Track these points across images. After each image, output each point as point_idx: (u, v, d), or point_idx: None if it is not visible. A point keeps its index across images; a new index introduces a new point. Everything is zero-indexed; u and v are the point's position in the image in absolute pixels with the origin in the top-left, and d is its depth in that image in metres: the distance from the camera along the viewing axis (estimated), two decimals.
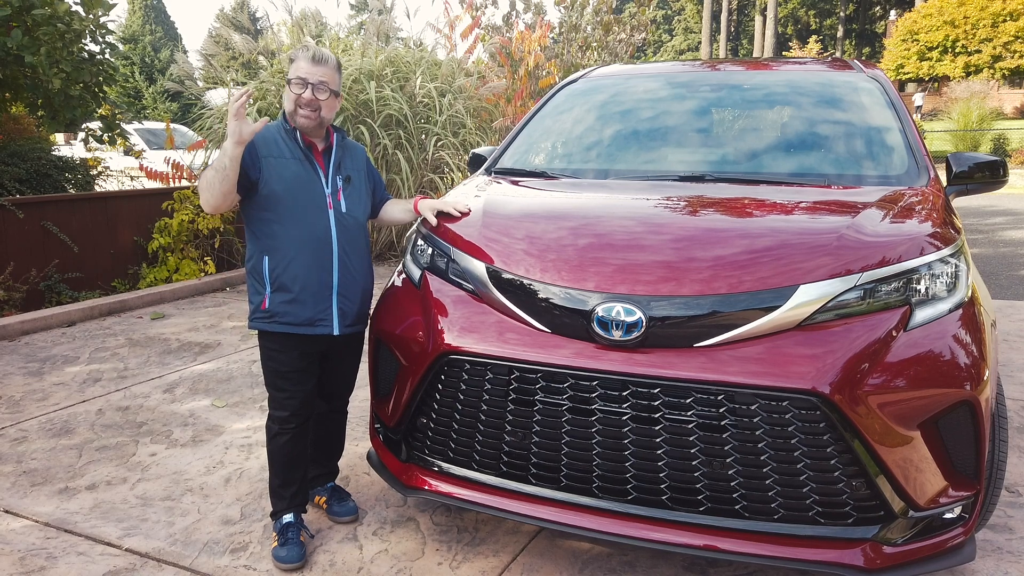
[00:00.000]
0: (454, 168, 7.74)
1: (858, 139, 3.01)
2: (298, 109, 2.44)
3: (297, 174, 2.47)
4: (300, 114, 2.45)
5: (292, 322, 2.46)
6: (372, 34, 8.47)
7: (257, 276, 2.48)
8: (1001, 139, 19.16)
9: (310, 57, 2.47)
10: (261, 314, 2.48)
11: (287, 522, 2.54)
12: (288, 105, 2.48)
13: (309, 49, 2.50)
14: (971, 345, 2.07)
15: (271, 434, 2.55)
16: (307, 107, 2.44)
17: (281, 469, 2.56)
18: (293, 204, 2.45)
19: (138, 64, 32.30)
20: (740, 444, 1.97)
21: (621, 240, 2.31)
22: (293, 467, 2.57)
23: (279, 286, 2.45)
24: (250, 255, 2.51)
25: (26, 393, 4.14)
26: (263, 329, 2.49)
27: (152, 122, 18.45)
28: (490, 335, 2.22)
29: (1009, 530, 2.63)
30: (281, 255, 2.44)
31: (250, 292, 2.53)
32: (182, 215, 6.87)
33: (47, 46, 6.01)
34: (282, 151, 2.47)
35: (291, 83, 2.46)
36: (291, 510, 2.56)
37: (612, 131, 3.41)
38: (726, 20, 45.67)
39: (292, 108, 2.45)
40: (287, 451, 2.55)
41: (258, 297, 2.49)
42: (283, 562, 2.45)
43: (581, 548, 2.55)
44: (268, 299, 2.46)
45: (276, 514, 2.57)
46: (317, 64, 2.45)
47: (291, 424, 2.52)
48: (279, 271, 2.44)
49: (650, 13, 11.23)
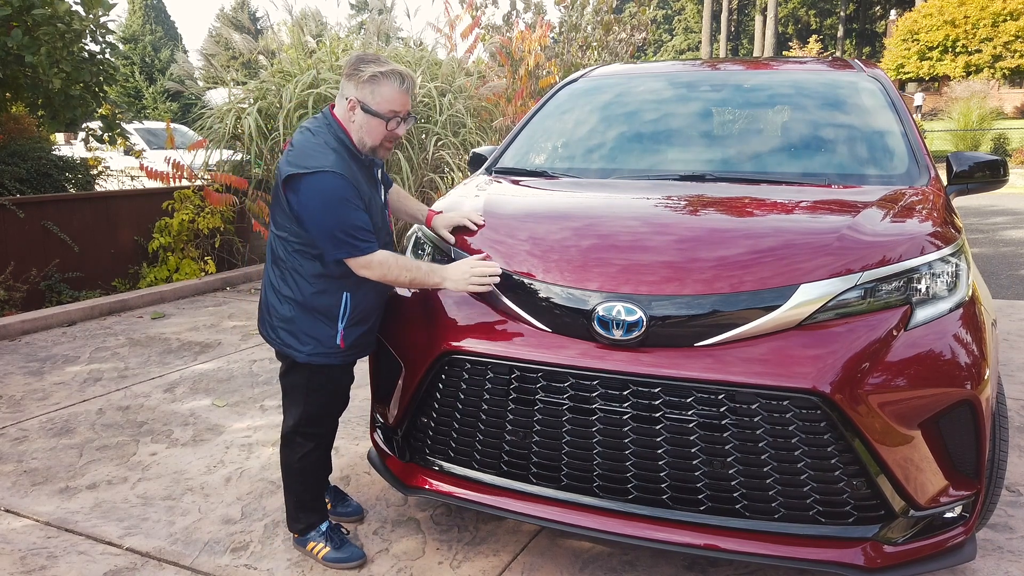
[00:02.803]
0: (454, 168, 7.74)
1: (859, 139, 3.01)
2: (383, 144, 2.24)
3: (381, 211, 2.31)
4: (384, 148, 2.25)
5: (364, 348, 2.41)
6: (372, 34, 8.46)
7: (327, 312, 2.28)
8: (1001, 139, 19.15)
9: (400, 86, 2.17)
10: (336, 350, 2.31)
11: (329, 526, 2.51)
12: (370, 139, 2.22)
13: (398, 72, 2.17)
14: (972, 344, 2.07)
15: (303, 451, 2.43)
16: (393, 142, 2.25)
17: (314, 483, 2.50)
18: (377, 238, 2.27)
19: (138, 64, 32.30)
20: (741, 443, 1.97)
21: (621, 240, 2.30)
22: (323, 479, 2.56)
23: (359, 320, 2.31)
24: (317, 290, 2.26)
25: (26, 393, 4.14)
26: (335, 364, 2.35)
27: (152, 122, 18.46)
28: (491, 335, 2.22)
29: (1010, 529, 2.63)
30: (361, 288, 2.30)
31: (308, 326, 2.29)
32: (182, 215, 6.87)
33: (47, 46, 6.01)
34: (366, 186, 2.24)
35: (381, 115, 2.17)
36: (325, 519, 2.53)
37: (612, 130, 3.41)
38: (726, 20, 45.66)
39: (376, 143, 2.23)
40: (321, 464, 2.52)
41: (328, 333, 2.29)
42: (349, 561, 2.43)
43: (582, 547, 2.55)
44: (343, 335, 2.30)
45: (311, 527, 2.49)
46: (409, 92, 2.20)
47: (329, 439, 2.51)
48: (360, 305, 2.31)
49: (650, 13, 11.23)
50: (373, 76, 2.17)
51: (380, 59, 2.21)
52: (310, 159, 2.16)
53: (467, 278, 2.24)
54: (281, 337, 2.33)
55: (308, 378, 2.36)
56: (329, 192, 2.13)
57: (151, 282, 6.79)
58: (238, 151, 7.45)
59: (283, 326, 2.32)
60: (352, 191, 2.16)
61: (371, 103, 2.18)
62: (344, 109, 2.23)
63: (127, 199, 6.99)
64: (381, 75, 2.16)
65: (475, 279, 2.23)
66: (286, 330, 2.32)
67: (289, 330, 2.31)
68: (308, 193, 2.15)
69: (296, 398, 2.40)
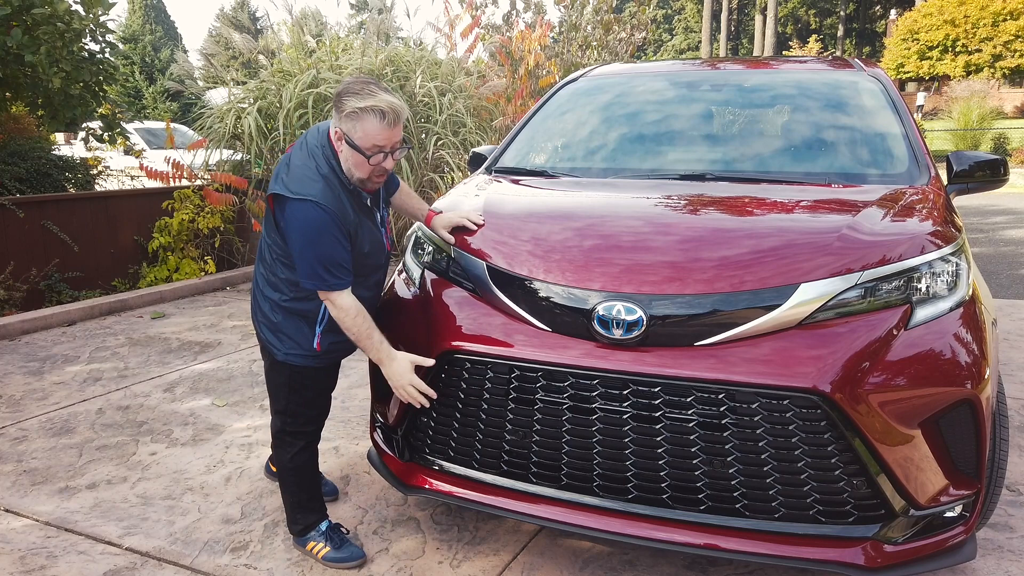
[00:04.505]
0: (454, 167, 7.74)
1: (859, 138, 3.00)
2: (371, 178, 2.19)
3: (369, 232, 2.29)
4: (373, 181, 2.21)
5: (344, 350, 2.43)
6: (372, 33, 8.46)
7: (306, 316, 2.31)
8: (1001, 138, 19.15)
9: (387, 123, 2.10)
10: (313, 353, 2.33)
11: (329, 526, 2.51)
12: (359, 172, 2.17)
13: (380, 108, 2.08)
14: (972, 344, 2.07)
15: (294, 450, 2.45)
16: (383, 175, 2.22)
17: (308, 482, 2.51)
18: (365, 263, 2.31)
19: (138, 64, 32.30)
20: (741, 443, 1.96)
21: (620, 240, 2.30)
22: (316, 477, 2.56)
23: (336, 327, 2.27)
24: (296, 296, 2.29)
25: (26, 392, 4.14)
26: (311, 365, 2.37)
27: (152, 121, 18.47)
28: (491, 334, 2.22)
29: (1010, 529, 2.63)
30: None
31: (287, 327, 2.33)
32: (182, 214, 6.87)
33: (47, 45, 6.01)
34: (353, 216, 2.22)
35: (362, 151, 2.12)
36: (324, 518, 2.53)
37: (613, 130, 3.41)
38: (726, 19, 45.65)
39: (364, 177, 2.18)
40: (313, 463, 2.53)
41: (306, 336, 2.32)
42: (349, 560, 2.43)
43: (582, 547, 2.55)
44: (320, 339, 2.32)
45: (309, 527, 2.50)
46: (393, 127, 2.12)
47: (317, 436, 2.52)
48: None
49: (650, 12, 11.22)
50: (353, 112, 2.10)
51: (364, 91, 2.11)
52: (299, 184, 2.15)
53: (403, 384, 2.21)
54: (264, 332, 2.40)
55: (289, 377, 2.39)
56: (310, 222, 2.12)
57: (151, 282, 6.79)
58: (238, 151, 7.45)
59: (265, 323, 2.39)
60: (334, 225, 2.13)
61: (354, 137, 2.13)
62: (335, 137, 2.20)
63: (127, 199, 6.99)
64: (360, 111, 2.09)
65: (408, 391, 2.22)
66: (268, 327, 2.38)
67: (270, 328, 2.37)
68: (291, 217, 2.15)
69: (279, 397, 2.44)
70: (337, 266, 2.16)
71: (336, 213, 2.14)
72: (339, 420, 3.67)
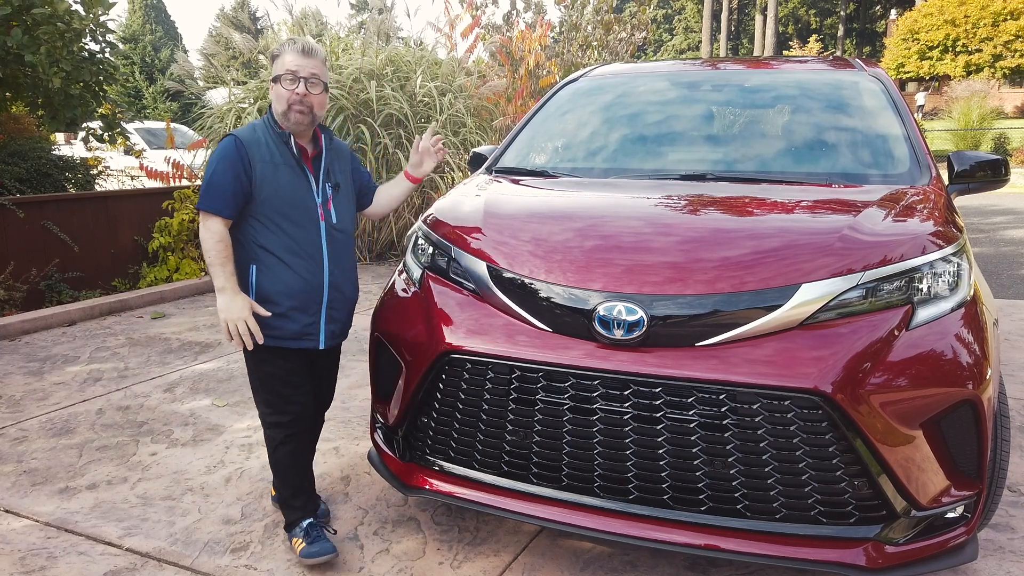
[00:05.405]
0: (455, 167, 7.74)
1: (860, 138, 3.00)
2: (291, 108, 2.32)
3: (290, 182, 2.37)
4: (294, 112, 2.32)
5: (279, 336, 2.39)
6: (372, 33, 8.46)
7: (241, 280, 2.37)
8: (1002, 138, 19.16)
9: (299, 50, 2.34)
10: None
11: (308, 523, 2.50)
12: (279, 105, 2.34)
13: (296, 41, 2.36)
14: (973, 344, 2.07)
15: (274, 444, 2.47)
16: (300, 104, 2.32)
17: (290, 478, 2.51)
18: (285, 214, 2.35)
19: (138, 64, 32.30)
20: (742, 443, 1.96)
21: (621, 240, 2.30)
22: (301, 474, 2.54)
23: (266, 299, 2.35)
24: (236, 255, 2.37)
25: (26, 393, 4.14)
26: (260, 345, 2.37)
27: (152, 122, 18.48)
28: (491, 334, 2.21)
29: (1011, 529, 2.63)
30: (269, 267, 2.36)
31: None
32: (182, 214, 6.87)
33: (47, 45, 6.01)
34: (274, 157, 2.35)
35: (280, 79, 2.32)
36: (307, 516, 2.52)
37: (613, 130, 3.41)
38: (726, 19, 45.65)
39: (284, 108, 2.33)
40: (295, 459, 2.50)
41: None
42: (318, 556, 2.41)
43: (582, 548, 2.55)
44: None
45: (292, 524, 2.51)
46: (307, 56, 2.33)
47: (294, 429, 2.47)
48: (267, 284, 2.36)
49: (650, 12, 11.23)
50: (275, 54, 2.40)
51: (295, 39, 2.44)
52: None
53: (237, 319, 2.28)
54: None
55: (248, 359, 2.46)
56: (219, 150, 2.36)
57: (151, 282, 6.79)
58: None
59: None
60: (235, 154, 2.31)
61: (275, 72, 2.38)
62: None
63: (127, 199, 6.99)
64: (279, 49, 2.39)
65: (240, 326, 2.28)
66: None
67: None
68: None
69: (253, 386, 2.51)
70: (217, 187, 2.30)
71: (243, 144, 2.32)
72: (339, 420, 3.67)
